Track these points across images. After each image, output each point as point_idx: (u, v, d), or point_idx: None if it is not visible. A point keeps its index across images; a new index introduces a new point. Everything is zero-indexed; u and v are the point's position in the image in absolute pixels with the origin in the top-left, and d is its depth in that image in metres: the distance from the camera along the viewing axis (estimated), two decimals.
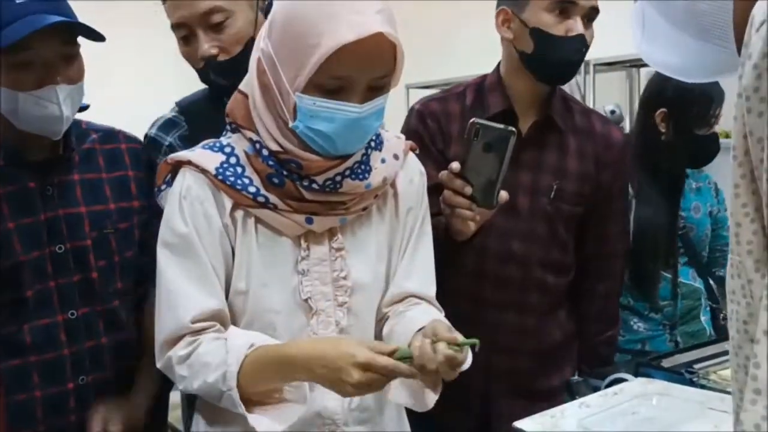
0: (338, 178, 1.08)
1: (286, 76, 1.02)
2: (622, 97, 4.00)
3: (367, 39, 0.98)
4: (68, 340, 1.26)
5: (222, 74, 1.36)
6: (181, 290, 1.07)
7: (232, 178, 1.08)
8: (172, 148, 1.39)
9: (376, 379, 0.97)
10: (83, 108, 1.34)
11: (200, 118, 1.43)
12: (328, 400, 1.11)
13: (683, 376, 1.35)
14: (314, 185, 1.07)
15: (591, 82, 3.82)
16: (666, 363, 1.45)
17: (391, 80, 1.06)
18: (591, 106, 3.68)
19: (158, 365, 1.11)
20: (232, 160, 1.09)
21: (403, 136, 1.24)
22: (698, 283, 1.92)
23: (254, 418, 1.02)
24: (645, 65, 3.87)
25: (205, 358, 1.05)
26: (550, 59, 1.43)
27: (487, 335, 1.50)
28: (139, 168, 1.40)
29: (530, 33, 1.42)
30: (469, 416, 1.53)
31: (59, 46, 1.21)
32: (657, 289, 1.85)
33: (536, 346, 1.55)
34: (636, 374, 1.36)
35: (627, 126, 3.88)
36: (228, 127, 1.14)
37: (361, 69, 1.01)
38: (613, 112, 3.57)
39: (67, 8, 1.24)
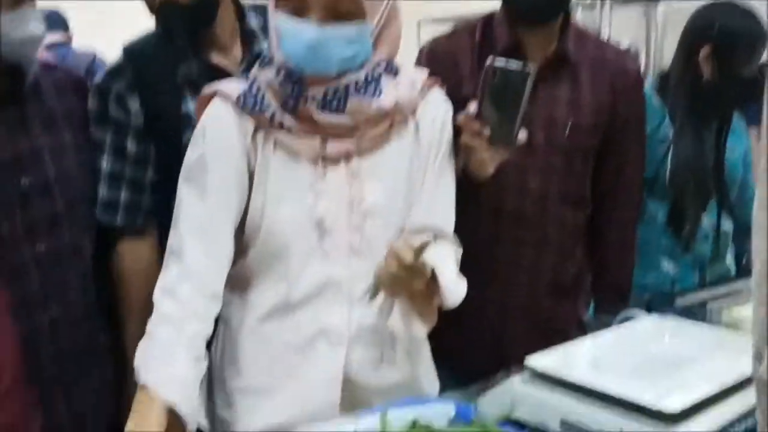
0: (341, 95, 1.11)
1: None
2: (639, 34, 3.89)
3: None
4: (39, 274, 1.24)
5: (185, 18, 1.32)
6: (187, 242, 1.11)
7: (252, 103, 1.14)
8: (119, 96, 1.35)
9: None
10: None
11: (148, 60, 1.38)
12: (332, 315, 1.15)
13: (695, 315, 1.34)
14: (319, 101, 1.10)
15: (607, 17, 3.72)
16: (680, 300, 1.43)
17: (359, 8, 1.08)
18: None
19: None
20: (254, 88, 1.15)
21: (426, 71, 1.25)
22: (727, 224, 1.88)
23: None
24: (662, 0, 3.77)
25: (169, 318, 1.08)
26: (518, 3, 1.43)
27: (504, 272, 1.52)
28: (84, 104, 1.39)
29: None
30: (484, 353, 1.53)
31: None
32: (696, 231, 1.80)
33: (553, 282, 1.55)
34: (648, 311, 1.35)
35: (643, 63, 3.80)
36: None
37: None
38: (629, 49, 3.48)
39: None
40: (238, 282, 1.19)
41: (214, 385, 1.23)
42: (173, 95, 1.36)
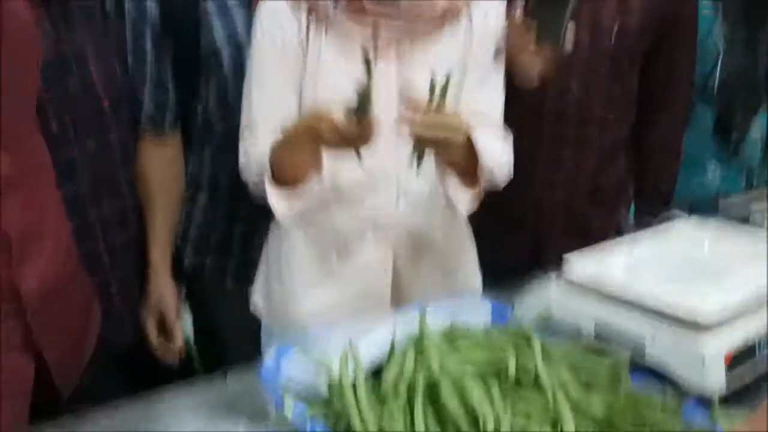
0: None
1: None
2: None
3: None
4: (86, 171, 1.27)
5: None
6: (255, 99, 1.20)
7: None
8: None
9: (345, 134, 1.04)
10: None
11: None
12: (381, 204, 1.21)
13: (740, 217, 1.32)
14: None
15: None
16: (723, 203, 1.41)
17: None
18: None
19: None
20: None
21: None
22: None
23: (271, 192, 1.15)
24: None
25: (254, 157, 1.19)
26: None
27: (544, 171, 1.51)
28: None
29: None
30: (522, 251, 1.56)
31: None
32: (745, 137, 1.75)
33: (592, 183, 1.55)
34: (691, 214, 1.34)
35: None
36: None
37: None
38: None
39: None
40: None
41: (270, 275, 1.31)
42: None
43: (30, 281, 0.94)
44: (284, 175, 1.15)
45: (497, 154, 1.18)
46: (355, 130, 1.03)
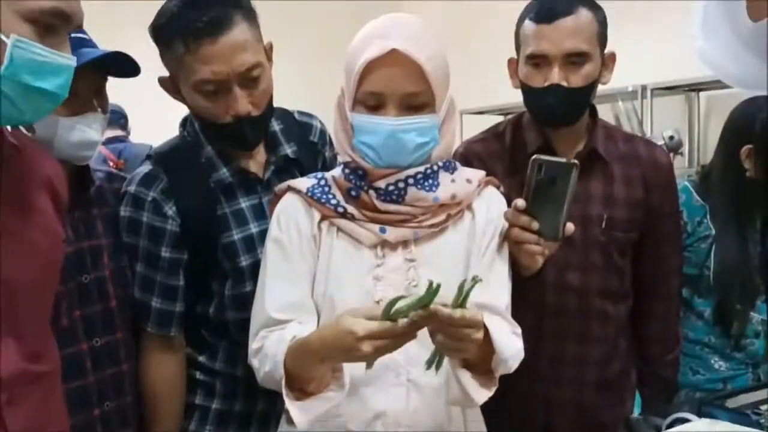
0: (401, 185, 1.20)
1: (346, 98, 1.22)
2: (682, 122, 3.91)
3: (387, 56, 1.14)
4: (93, 368, 1.29)
5: (255, 129, 1.36)
6: (268, 286, 1.23)
7: (319, 195, 1.25)
8: (155, 203, 1.35)
9: (384, 344, 1.03)
10: None
11: (179, 169, 1.38)
12: (390, 398, 1.19)
13: (749, 416, 1.30)
14: (381, 192, 1.20)
15: (649, 106, 3.75)
16: (732, 402, 1.39)
17: (430, 100, 1.18)
18: (649, 132, 3.64)
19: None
20: (322, 182, 1.28)
21: (483, 172, 1.33)
22: None
23: (289, 404, 1.11)
24: (704, 89, 3.79)
25: (266, 351, 1.17)
26: (534, 109, 1.50)
27: (548, 367, 1.51)
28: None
29: (520, 84, 1.49)
30: None
31: (99, 77, 1.30)
32: (744, 329, 1.75)
33: (598, 376, 1.54)
34: (699, 414, 1.31)
35: (686, 151, 3.79)
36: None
37: (389, 85, 1.16)
38: (672, 137, 3.49)
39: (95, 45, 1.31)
40: None
41: None
42: (208, 199, 1.38)
43: None
44: (302, 380, 1.13)
45: (509, 344, 1.17)
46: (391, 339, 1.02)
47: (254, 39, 1.31)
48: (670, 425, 1.27)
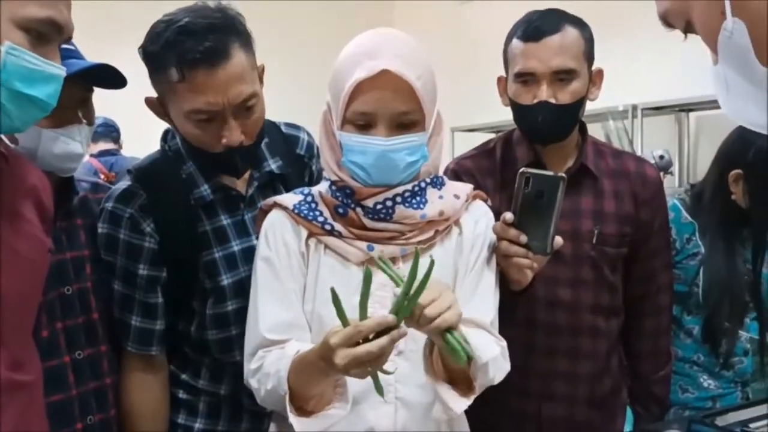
0: (389, 204, 1.19)
1: (333, 116, 1.20)
2: (672, 142, 3.93)
3: (378, 77, 1.13)
4: (76, 381, 1.27)
5: (245, 158, 1.33)
6: (260, 306, 1.22)
7: (306, 212, 1.24)
8: (133, 220, 1.32)
9: (359, 352, 1.01)
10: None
11: (158, 185, 1.35)
12: (379, 416, 1.18)
13: None
14: (369, 210, 1.19)
15: (639, 126, 3.77)
16: (721, 421, 1.38)
17: (420, 118, 1.17)
18: (639, 151, 3.66)
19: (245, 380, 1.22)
20: (308, 198, 1.26)
21: (471, 186, 1.32)
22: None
23: (293, 418, 1.10)
24: (694, 109, 3.82)
25: (266, 369, 1.17)
26: (524, 125, 1.51)
27: (539, 383, 1.50)
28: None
29: (509, 102, 1.50)
30: None
31: (84, 89, 1.29)
32: (733, 347, 1.75)
33: (589, 393, 1.53)
34: (689, 430, 1.30)
35: (676, 171, 3.81)
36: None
37: (379, 105, 1.15)
38: (662, 157, 3.50)
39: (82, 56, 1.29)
40: None
41: None
42: (188, 216, 1.34)
43: None
44: (302, 399, 1.12)
45: (487, 350, 1.14)
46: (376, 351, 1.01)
47: (250, 67, 1.27)
48: None
